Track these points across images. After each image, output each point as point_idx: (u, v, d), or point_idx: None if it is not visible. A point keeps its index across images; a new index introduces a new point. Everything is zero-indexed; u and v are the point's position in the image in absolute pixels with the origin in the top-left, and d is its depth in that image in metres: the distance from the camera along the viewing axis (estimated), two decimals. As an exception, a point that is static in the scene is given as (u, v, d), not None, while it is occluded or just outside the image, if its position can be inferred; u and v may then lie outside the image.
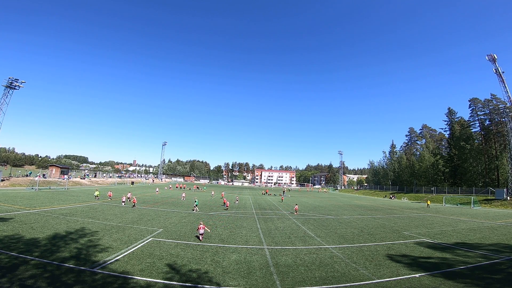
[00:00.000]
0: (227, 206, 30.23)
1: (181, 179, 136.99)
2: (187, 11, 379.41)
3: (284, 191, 72.15)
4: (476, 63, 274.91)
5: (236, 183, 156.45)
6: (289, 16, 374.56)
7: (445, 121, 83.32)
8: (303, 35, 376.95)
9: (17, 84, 47.69)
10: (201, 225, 14.95)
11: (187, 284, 8.53)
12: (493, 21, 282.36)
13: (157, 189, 52.34)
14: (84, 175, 72.17)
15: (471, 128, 73.80)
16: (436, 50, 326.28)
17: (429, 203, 47.06)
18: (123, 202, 28.69)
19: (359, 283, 9.30)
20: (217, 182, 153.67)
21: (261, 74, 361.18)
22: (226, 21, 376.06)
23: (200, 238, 14.58)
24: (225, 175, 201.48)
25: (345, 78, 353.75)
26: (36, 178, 44.54)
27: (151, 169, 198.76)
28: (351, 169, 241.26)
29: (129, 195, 32.75)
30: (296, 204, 33.32)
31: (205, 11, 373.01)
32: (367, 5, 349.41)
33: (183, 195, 42.36)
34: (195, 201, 29.48)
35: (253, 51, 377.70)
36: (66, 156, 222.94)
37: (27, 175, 54.00)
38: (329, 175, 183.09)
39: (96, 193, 33.36)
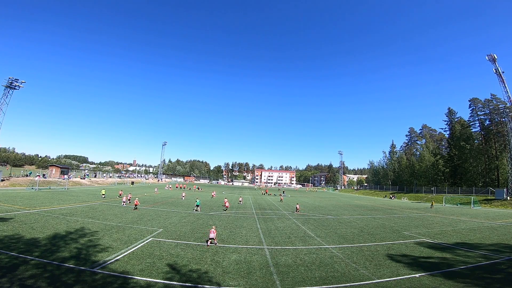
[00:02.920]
0: (226, 207, 29.37)
1: (181, 179, 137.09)
2: (187, 12, 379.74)
3: (284, 191, 72.91)
4: (476, 63, 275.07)
5: (236, 183, 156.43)
6: (289, 18, 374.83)
7: (445, 121, 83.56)
8: (303, 37, 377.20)
9: (17, 84, 47.73)
10: (213, 229, 13.69)
11: (187, 284, 8.52)
12: (494, 21, 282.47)
13: (156, 189, 52.32)
14: (84, 175, 72.17)
15: (471, 128, 73.89)
16: (436, 50, 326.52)
17: (433, 203, 46.33)
18: (123, 202, 28.63)
19: (359, 283, 9.29)
20: (217, 182, 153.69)
21: (261, 74, 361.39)
22: (226, 23, 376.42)
23: (208, 244, 13.35)
24: (225, 175, 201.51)
25: (345, 78, 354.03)
26: (36, 178, 44.59)
27: (151, 169, 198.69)
28: (351, 169, 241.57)
29: (129, 196, 31.17)
30: (297, 204, 34.42)
31: (206, 13, 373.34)
32: (368, 5, 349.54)
33: (183, 194, 42.43)
34: (196, 201, 28.94)
35: (254, 51, 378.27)
36: (66, 156, 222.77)
37: (27, 175, 54.01)
38: (329, 175, 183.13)
39: (103, 191, 35.92)
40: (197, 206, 27.42)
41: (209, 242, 13.48)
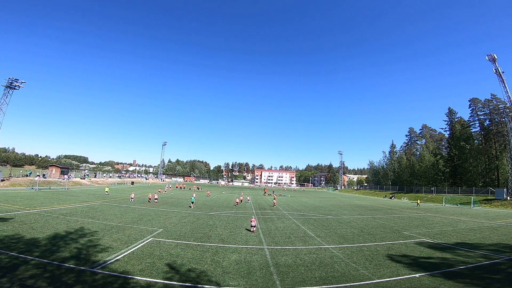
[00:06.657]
0: (236, 203, 35.36)
1: (181, 179, 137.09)
2: (187, 9, 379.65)
3: (273, 191, 74.60)
4: (476, 63, 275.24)
5: (236, 183, 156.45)
6: (289, 18, 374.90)
7: (445, 121, 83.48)
8: (303, 36, 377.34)
9: (17, 84, 47.72)
10: (253, 219, 18.26)
11: (187, 284, 8.53)
12: (494, 21, 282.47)
13: (165, 189, 52.18)
14: (84, 175, 72.16)
15: (471, 128, 73.88)
16: (436, 50, 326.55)
17: (419, 202, 49.37)
18: (131, 198, 31.70)
19: (359, 283, 9.29)
20: (217, 182, 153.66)
21: (261, 74, 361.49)
22: (226, 23, 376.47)
23: (252, 230, 17.15)
24: (225, 175, 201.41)
25: (345, 78, 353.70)
26: (36, 178, 44.56)
27: (151, 169, 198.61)
28: (351, 169, 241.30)
29: (155, 195, 34.06)
30: (274, 199, 42.20)
31: (206, 13, 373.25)
32: (367, 7, 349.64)
33: (208, 193, 43.74)
34: (191, 198, 31.42)
35: (253, 52, 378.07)
36: (66, 156, 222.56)
37: (27, 175, 54.00)
38: (329, 175, 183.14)
39: (107, 189, 39.08)
40: (192, 203, 30.09)
41: (252, 229, 17.22)
